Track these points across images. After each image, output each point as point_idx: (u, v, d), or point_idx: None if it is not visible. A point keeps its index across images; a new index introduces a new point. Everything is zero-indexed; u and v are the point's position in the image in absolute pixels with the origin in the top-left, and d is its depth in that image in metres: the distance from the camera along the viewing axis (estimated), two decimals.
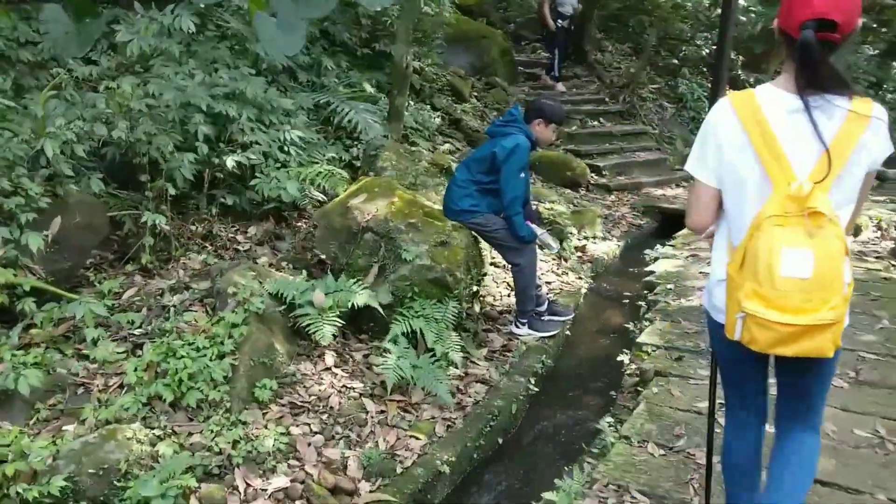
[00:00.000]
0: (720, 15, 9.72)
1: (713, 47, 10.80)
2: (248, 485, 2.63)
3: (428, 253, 3.72)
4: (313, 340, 3.38)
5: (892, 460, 2.66)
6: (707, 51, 11.67)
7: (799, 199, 1.56)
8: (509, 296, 4.56)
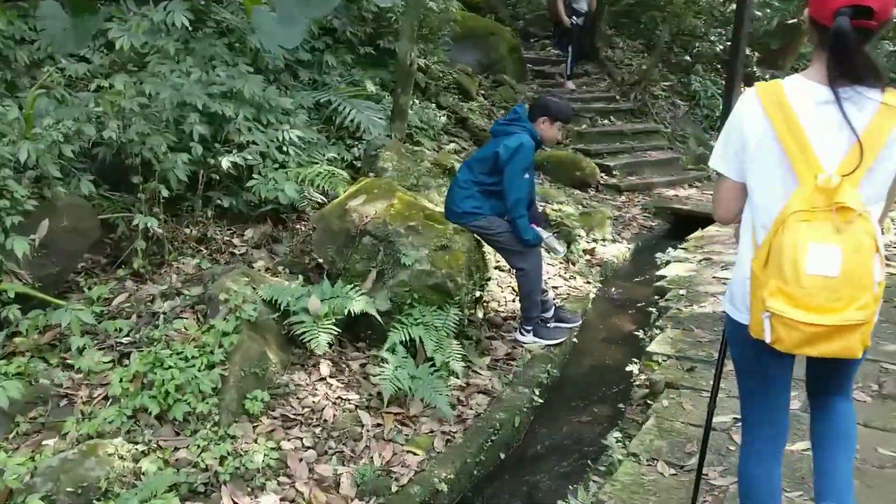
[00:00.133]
0: (735, 10, 9.53)
1: (727, 43, 10.56)
2: (235, 503, 2.51)
3: (428, 257, 3.58)
4: (308, 349, 3.25)
5: None
6: (721, 47, 11.42)
7: (827, 193, 1.50)
8: (514, 301, 4.40)
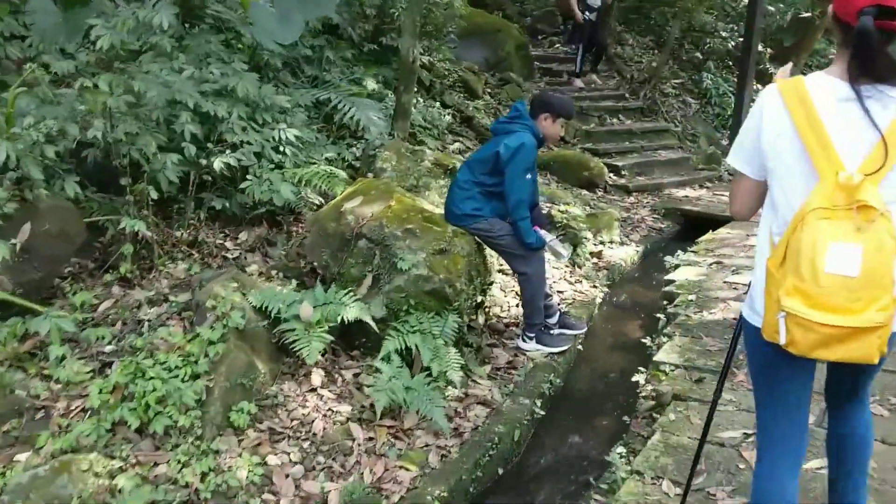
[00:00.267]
0: (747, 5, 9.31)
1: (740, 39, 10.34)
2: None
3: (426, 262, 3.44)
4: (299, 358, 3.12)
5: None
6: (733, 43, 11.19)
7: (848, 191, 1.46)
8: (517, 306, 4.25)
